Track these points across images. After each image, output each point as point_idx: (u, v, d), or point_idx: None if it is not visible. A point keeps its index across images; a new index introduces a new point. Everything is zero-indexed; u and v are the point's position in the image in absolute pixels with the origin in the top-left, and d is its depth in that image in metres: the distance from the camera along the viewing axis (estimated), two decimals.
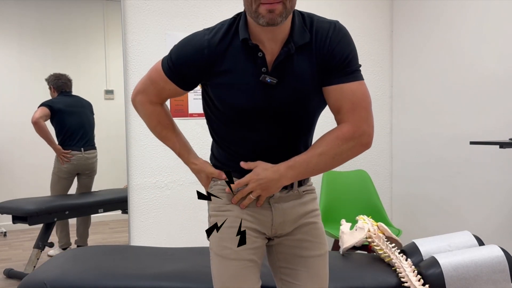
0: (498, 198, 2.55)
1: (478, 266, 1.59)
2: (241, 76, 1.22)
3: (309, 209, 1.38)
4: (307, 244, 1.35)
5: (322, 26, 1.24)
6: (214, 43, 1.23)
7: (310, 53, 1.23)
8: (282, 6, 1.13)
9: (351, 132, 1.23)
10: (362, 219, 1.83)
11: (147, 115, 1.40)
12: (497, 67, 2.52)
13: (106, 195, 2.87)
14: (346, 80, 1.22)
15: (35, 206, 2.65)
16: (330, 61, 1.23)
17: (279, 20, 1.15)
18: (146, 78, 1.37)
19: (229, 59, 1.23)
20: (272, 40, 1.22)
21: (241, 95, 1.23)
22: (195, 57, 1.24)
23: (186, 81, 1.29)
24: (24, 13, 2.60)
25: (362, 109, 1.23)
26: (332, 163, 1.25)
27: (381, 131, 3.34)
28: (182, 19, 2.76)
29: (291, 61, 1.23)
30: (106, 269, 1.54)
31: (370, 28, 3.26)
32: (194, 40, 1.26)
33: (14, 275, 2.63)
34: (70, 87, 2.74)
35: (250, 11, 1.17)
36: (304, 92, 1.25)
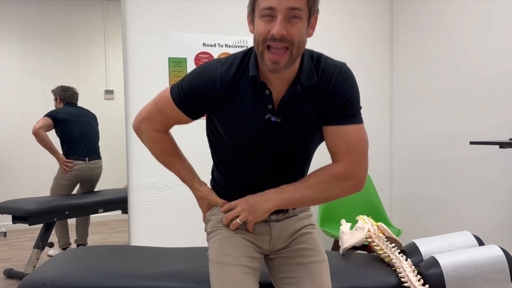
0: (498, 198, 2.55)
1: (478, 266, 1.59)
2: (248, 112, 1.26)
3: (305, 224, 1.43)
4: (307, 251, 1.38)
5: (328, 68, 1.27)
6: (226, 77, 1.25)
7: (315, 94, 1.26)
8: (288, 54, 1.16)
9: (341, 172, 1.26)
10: (362, 219, 1.83)
11: (152, 143, 1.39)
12: (497, 67, 2.52)
13: (106, 195, 2.87)
14: (345, 122, 1.26)
15: (35, 206, 2.65)
16: (333, 102, 1.25)
17: (283, 71, 1.18)
18: (152, 105, 1.35)
19: (238, 93, 1.26)
20: (279, 79, 1.25)
21: (247, 130, 1.27)
22: (207, 89, 1.26)
23: (195, 111, 1.31)
24: (24, 13, 2.60)
25: (357, 152, 1.26)
26: (319, 197, 1.29)
27: (381, 131, 3.34)
28: (182, 19, 2.76)
29: (296, 102, 1.26)
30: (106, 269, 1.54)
31: (370, 28, 3.26)
32: (207, 72, 1.27)
33: (14, 275, 2.63)
34: (76, 100, 2.74)
35: (257, 52, 1.20)
36: (306, 131, 1.29)
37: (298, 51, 1.18)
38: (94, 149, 2.83)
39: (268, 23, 1.15)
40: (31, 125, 2.64)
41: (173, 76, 2.74)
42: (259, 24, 1.17)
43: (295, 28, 1.15)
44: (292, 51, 1.16)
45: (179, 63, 2.75)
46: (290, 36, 1.15)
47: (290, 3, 1.13)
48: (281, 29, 1.13)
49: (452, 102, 2.81)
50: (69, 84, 2.71)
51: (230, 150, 1.34)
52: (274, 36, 1.14)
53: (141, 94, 2.69)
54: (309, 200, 1.30)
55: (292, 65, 1.21)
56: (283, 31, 1.13)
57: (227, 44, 2.83)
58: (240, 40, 2.86)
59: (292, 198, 1.30)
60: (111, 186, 2.89)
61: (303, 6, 1.16)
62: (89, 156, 2.81)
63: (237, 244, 1.33)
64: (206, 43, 2.78)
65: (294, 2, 1.13)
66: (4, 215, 2.66)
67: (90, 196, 2.84)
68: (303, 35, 1.18)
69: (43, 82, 2.66)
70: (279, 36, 1.14)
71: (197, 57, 2.78)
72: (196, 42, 2.77)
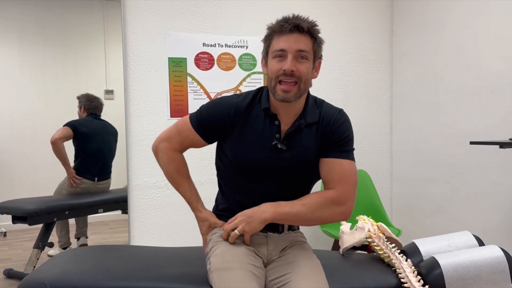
0: (498, 198, 2.55)
1: (478, 266, 1.59)
2: (257, 137, 1.44)
3: (298, 239, 1.59)
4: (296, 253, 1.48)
5: (329, 111, 1.50)
6: (240, 106, 1.47)
7: (317, 130, 1.47)
8: (297, 88, 1.39)
9: (334, 197, 1.42)
10: (362, 219, 1.83)
11: (167, 161, 1.54)
12: (497, 67, 2.52)
13: (106, 195, 2.87)
14: (341, 157, 1.45)
15: (35, 206, 2.65)
16: (331, 138, 1.46)
17: (293, 100, 1.40)
18: (172, 128, 1.55)
19: (250, 121, 1.45)
20: (287, 113, 1.46)
21: (254, 152, 1.44)
22: (222, 115, 1.46)
23: (210, 134, 1.50)
24: (24, 13, 2.61)
25: (349, 183, 1.44)
26: (311, 217, 1.42)
27: (381, 131, 3.34)
28: (182, 19, 2.76)
29: (300, 134, 1.46)
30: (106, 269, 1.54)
31: (370, 28, 3.25)
32: (224, 101, 1.49)
33: (14, 275, 2.64)
34: (101, 111, 2.74)
35: (270, 87, 1.43)
36: (305, 160, 1.45)
37: (305, 86, 1.41)
38: (106, 169, 2.84)
39: (280, 62, 1.39)
40: (31, 125, 2.64)
41: (173, 76, 2.74)
42: (272, 63, 1.41)
43: (303, 66, 1.39)
44: (300, 86, 1.39)
45: (179, 63, 2.75)
46: (299, 72, 1.38)
47: (299, 45, 1.38)
48: (292, 66, 1.37)
49: (452, 102, 2.81)
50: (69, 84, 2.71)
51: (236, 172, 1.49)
52: (285, 71, 1.37)
53: (141, 94, 2.69)
54: (302, 218, 1.43)
55: (300, 98, 1.43)
56: (293, 67, 1.37)
57: (227, 44, 2.83)
58: (240, 40, 2.86)
59: (288, 212, 1.41)
60: (111, 186, 2.90)
61: (309, 49, 1.40)
62: (99, 177, 2.81)
63: (238, 253, 1.40)
64: (206, 43, 2.78)
65: (302, 44, 1.38)
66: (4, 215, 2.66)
67: (90, 196, 2.84)
68: (309, 73, 1.42)
69: (43, 82, 2.66)
70: (289, 71, 1.37)
71: (197, 57, 2.78)
72: (196, 42, 2.77)
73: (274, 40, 1.42)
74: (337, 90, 3.19)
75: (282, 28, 1.39)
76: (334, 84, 3.18)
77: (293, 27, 1.38)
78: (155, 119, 2.72)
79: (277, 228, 1.51)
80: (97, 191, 2.83)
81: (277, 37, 1.41)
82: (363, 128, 3.29)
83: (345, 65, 3.21)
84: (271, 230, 1.50)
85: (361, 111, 3.27)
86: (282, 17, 1.44)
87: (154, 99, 2.72)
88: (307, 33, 1.40)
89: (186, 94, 2.77)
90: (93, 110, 2.73)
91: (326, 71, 3.16)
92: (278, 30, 1.41)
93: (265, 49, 1.47)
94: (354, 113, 3.26)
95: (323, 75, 3.14)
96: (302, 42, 1.39)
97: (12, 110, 2.62)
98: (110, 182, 2.86)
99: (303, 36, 1.39)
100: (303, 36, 1.39)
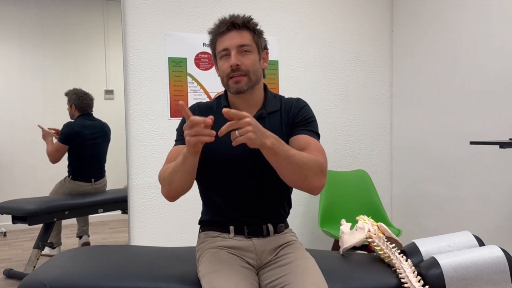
0: (498, 198, 2.55)
1: (478, 266, 1.59)
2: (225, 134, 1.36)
3: (288, 240, 1.54)
4: (290, 254, 1.46)
5: (289, 100, 1.57)
6: (203, 106, 1.57)
7: (280, 117, 1.52)
8: (247, 78, 1.45)
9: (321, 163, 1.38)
10: (362, 219, 1.83)
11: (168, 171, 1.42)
12: (497, 67, 2.52)
13: (106, 195, 2.87)
14: (310, 134, 1.47)
15: (35, 206, 2.65)
16: (295, 119, 1.51)
17: (245, 89, 1.45)
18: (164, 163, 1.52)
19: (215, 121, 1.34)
20: (247, 106, 1.50)
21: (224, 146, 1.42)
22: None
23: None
24: (24, 13, 2.60)
25: (325, 156, 1.43)
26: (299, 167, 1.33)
27: (381, 131, 3.34)
28: (182, 19, 2.76)
29: (264, 123, 1.44)
30: (106, 269, 1.54)
31: (370, 28, 3.25)
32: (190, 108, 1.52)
33: (14, 275, 2.63)
34: (92, 108, 2.72)
35: (224, 85, 1.50)
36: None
37: (255, 77, 1.47)
38: (101, 169, 2.84)
39: (227, 61, 1.46)
40: (31, 125, 2.64)
41: (173, 76, 2.74)
42: (221, 63, 1.48)
43: (247, 59, 1.45)
44: (250, 76, 1.45)
45: (179, 63, 2.75)
46: (244, 65, 1.44)
47: (238, 41, 1.45)
48: (236, 60, 1.43)
49: (452, 102, 2.81)
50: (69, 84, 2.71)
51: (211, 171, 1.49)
52: (232, 66, 1.43)
53: (141, 94, 2.69)
54: (293, 163, 1.32)
55: (253, 89, 1.48)
56: (237, 61, 1.43)
57: None
58: None
59: (286, 150, 1.31)
60: (111, 186, 2.89)
61: (249, 42, 1.47)
62: (95, 178, 2.81)
63: (226, 257, 1.42)
64: (206, 43, 2.78)
65: (241, 39, 1.45)
66: (4, 215, 2.66)
67: (90, 196, 2.84)
68: (256, 64, 1.48)
69: (43, 82, 2.66)
70: (235, 66, 1.43)
71: (197, 57, 2.78)
72: (196, 42, 2.77)
73: (217, 42, 1.49)
74: (337, 90, 3.19)
75: (220, 29, 1.48)
76: (334, 84, 3.18)
77: (229, 25, 1.46)
78: (155, 119, 2.72)
79: (261, 232, 1.50)
80: (95, 191, 2.83)
81: (219, 39, 1.48)
82: (363, 128, 3.29)
83: (345, 65, 3.21)
84: (254, 235, 1.49)
85: (361, 111, 3.27)
86: (218, 20, 1.52)
87: (154, 99, 2.72)
88: (243, 27, 1.47)
89: (186, 94, 2.76)
90: (85, 108, 2.69)
91: (326, 71, 3.16)
92: (218, 32, 1.49)
93: (213, 53, 1.54)
94: (354, 113, 3.26)
95: (323, 75, 3.14)
96: (241, 37, 1.46)
97: (12, 110, 2.62)
98: (106, 180, 2.86)
99: (241, 31, 1.47)
100: (241, 31, 1.47)
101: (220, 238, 1.51)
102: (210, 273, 1.34)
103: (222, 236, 1.51)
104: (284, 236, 1.56)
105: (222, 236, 1.51)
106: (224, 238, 1.51)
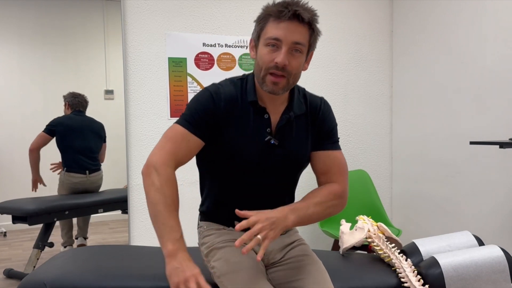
0: (498, 198, 2.55)
1: (478, 266, 1.59)
2: (250, 133, 1.35)
3: (294, 239, 1.50)
4: (302, 257, 1.42)
5: (314, 100, 1.45)
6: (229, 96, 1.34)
7: (306, 122, 1.42)
8: (286, 81, 1.29)
9: (340, 191, 1.39)
10: (362, 219, 1.83)
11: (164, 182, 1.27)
12: (497, 67, 2.52)
13: (106, 195, 2.87)
14: (334, 148, 1.43)
15: (35, 206, 2.65)
16: (321, 128, 1.42)
17: (280, 92, 1.32)
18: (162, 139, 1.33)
19: (240, 114, 1.34)
20: (274, 104, 1.38)
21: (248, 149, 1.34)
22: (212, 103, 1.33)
23: (203, 130, 1.33)
24: (24, 13, 2.60)
25: (346, 174, 1.42)
26: (323, 214, 1.36)
27: (381, 131, 3.34)
28: (182, 19, 2.76)
29: (291, 127, 1.39)
30: (106, 269, 1.54)
31: (370, 28, 3.25)
32: (208, 92, 1.35)
33: (14, 275, 2.63)
34: (85, 108, 2.74)
35: (258, 77, 1.32)
36: (299, 154, 1.41)
37: (293, 81, 1.32)
38: (94, 161, 2.84)
39: (273, 53, 1.27)
40: (31, 125, 2.64)
41: (173, 76, 2.74)
42: (263, 51, 1.29)
43: (296, 61, 1.29)
44: (289, 80, 1.30)
45: (179, 63, 2.75)
46: (291, 67, 1.28)
47: (296, 37, 1.26)
48: (285, 60, 1.25)
49: (452, 102, 2.81)
50: (69, 84, 2.71)
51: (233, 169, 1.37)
52: (277, 64, 1.26)
53: (141, 94, 2.69)
54: (315, 218, 1.35)
55: (287, 91, 1.36)
56: (286, 61, 1.26)
57: (227, 44, 2.83)
58: (240, 40, 2.86)
59: (305, 215, 1.31)
60: (111, 186, 2.89)
61: (305, 42, 1.29)
62: (89, 169, 2.81)
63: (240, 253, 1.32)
64: (206, 43, 2.78)
65: (299, 36, 1.26)
66: (4, 215, 2.66)
67: (90, 196, 2.84)
68: (300, 68, 1.32)
69: (43, 82, 2.66)
70: (282, 65, 1.26)
71: (197, 57, 2.78)
72: (196, 42, 2.77)
73: (269, 25, 1.28)
74: (337, 90, 3.19)
75: (280, 14, 1.25)
76: (334, 84, 3.18)
77: (292, 15, 1.25)
78: (155, 119, 2.72)
79: None
80: (91, 184, 2.82)
81: (273, 23, 1.27)
82: (363, 128, 3.29)
83: (345, 65, 3.21)
84: None
85: (361, 111, 3.27)
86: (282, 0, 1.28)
87: (154, 99, 2.72)
88: (306, 24, 1.27)
89: (186, 94, 2.77)
90: (77, 106, 2.71)
91: (326, 71, 3.16)
92: (275, 15, 1.26)
93: (257, 32, 1.32)
94: (354, 113, 3.26)
95: (323, 75, 3.14)
96: (300, 33, 1.27)
97: (12, 110, 2.62)
98: (102, 174, 2.86)
99: (302, 26, 1.27)
100: (302, 26, 1.27)
101: (226, 231, 1.44)
102: (230, 273, 1.29)
103: (228, 229, 1.44)
104: (289, 235, 1.51)
105: (227, 229, 1.44)
106: (231, 231, 1.43)
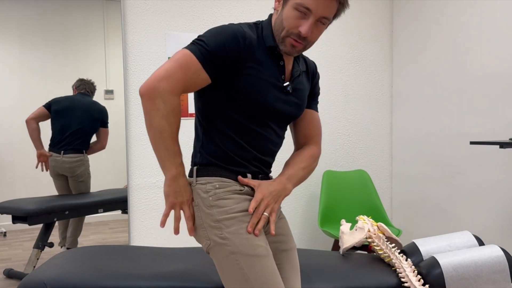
0: (498, 198, 2.55)
1: (478, 266, 1.59)
2: (267, 75, 1.34)
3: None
4: (284, 238, 1.46)
5: (310, 61, 1.54)
6: (251, 37, 1.30)
7: (307, 78, 1.50)
8: (303, 47, 1.32)
9: (319, 153, 1.51)
10: (362, 219, 1.83)
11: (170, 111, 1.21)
12: (497, 67, 2.52)
13: (106, 195, 2.87)
14: (316, 108, 1.55)
15: (35, 206, 2.64)
16: (313, 88, 1.53)
17: (295, 55, 1.36)
18: (172, 64, 1.22)
19: (259, 56, 1.33)
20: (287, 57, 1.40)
21: (264, 91, 1.33)
22: (235, 42, 1.27)
23: (217, 69, 1.26)
24: (24, 13, 2.60)
25: (321, 135, 1.55)
26: (306, 176, 1.47)
27: (381, 131, 3.34)
28: (182, 19, 2.76)
29: (300, 79, 1.45)
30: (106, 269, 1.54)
31: (370, 28, 3.26)
32: (232, 29, 1.29)
33: (14, 275, 2.63)
34: (91, 90, 2.71)
35: (278, 35, 1.32)
36: (303, 105, 1.47)
37: (309, 46, 1.36)
38: (78, 143, 2.77)
39: (299, 20, 1.27)
40: None
41: None
42: (291, 13, 1.28)
43: (318, 31, 1.31)
44: (307, 46, 1.33)
45: None
46: (312, 38, 1.31)
47: (325, 12, 1.28)
48: (309, 31, 1.28)
49: (452, 102, 2.81)
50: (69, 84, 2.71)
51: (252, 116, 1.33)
52: (301, 34, 1.27)
53: None
54: (302, 180, 1.46)
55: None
56: (309, 33, 1.28)
57: None
58: None
59: (297, 181, 1.42)
60: (111, 186, 2.89)
61: (331, 16, 1.33)
62: (65, 150, 2.74)
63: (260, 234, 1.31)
64: None
65: (328, 11, 1.29)
66: (4, 215, 2.66)
67: (90, 196, 2.84)
68: (319, 36, 1.35)
69: (43, 82, 2.66)
70: (305, 36, 1.28)
71: None
72: None
73: None
74: (337, 90, 3.19)
75: None
76: (334, 84, 3.18)
77: None
78: None
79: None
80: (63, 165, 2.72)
81: None
82: (363, 128, 3.29)
83: (345, 65, 3.21)
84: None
85: (361, 111, 3.27)
86: None
87: None
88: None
89: (186, 94, 2.76)
90: (81, 89, 2.70)
91: (326, 71, 3.16)
92: None
93: None
94: (354, 113, 3.26)
95: (323, 75, 3.14)
96: (329, 8, 1.28)
97: (12, 110, 2.62)
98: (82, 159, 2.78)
99: (334, 1, 1.29)
100: (334, 1, 1.29)
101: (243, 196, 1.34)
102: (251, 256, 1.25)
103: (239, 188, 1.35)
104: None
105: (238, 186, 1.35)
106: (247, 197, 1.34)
